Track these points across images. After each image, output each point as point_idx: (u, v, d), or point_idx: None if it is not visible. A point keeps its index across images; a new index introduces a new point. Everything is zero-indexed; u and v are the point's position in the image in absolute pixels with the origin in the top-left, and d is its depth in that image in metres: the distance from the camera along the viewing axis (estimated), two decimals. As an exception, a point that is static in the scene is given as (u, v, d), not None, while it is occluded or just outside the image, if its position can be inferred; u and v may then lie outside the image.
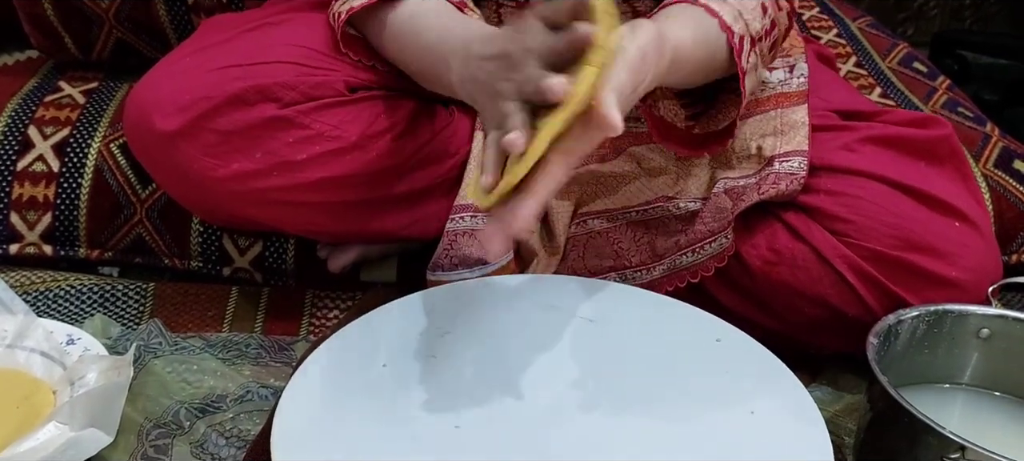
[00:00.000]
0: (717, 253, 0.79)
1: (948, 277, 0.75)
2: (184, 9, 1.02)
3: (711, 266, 0.79)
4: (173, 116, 0.75)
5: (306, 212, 0.80)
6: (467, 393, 0.63)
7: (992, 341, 0.74)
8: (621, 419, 0.63)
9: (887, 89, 1.11)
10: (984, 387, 0.76)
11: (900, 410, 0.62)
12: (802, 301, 0.79)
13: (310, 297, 0.91)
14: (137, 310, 0.88)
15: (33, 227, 0.92)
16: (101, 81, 1.03)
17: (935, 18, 1.72)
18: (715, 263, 0.79)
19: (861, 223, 0.77)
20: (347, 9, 0.75)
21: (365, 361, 0.65)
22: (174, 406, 0.73)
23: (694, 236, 0.80)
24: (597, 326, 0.70)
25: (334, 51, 0.79)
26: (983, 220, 0.79)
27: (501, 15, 0.82)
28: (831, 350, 0.82)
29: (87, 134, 0.94)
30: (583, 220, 0.83)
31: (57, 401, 0.71)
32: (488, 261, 0.81)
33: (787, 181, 0.79)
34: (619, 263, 0.82)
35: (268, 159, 0.76)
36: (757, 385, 0.66)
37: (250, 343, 0.83)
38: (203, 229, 0.92)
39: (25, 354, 0.75)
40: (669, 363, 0.67)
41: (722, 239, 0.79)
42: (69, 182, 0.92)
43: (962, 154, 0.82)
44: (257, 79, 0.75)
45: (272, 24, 0.81)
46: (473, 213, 0.82)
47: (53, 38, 1.03)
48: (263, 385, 0.77)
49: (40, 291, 0.88)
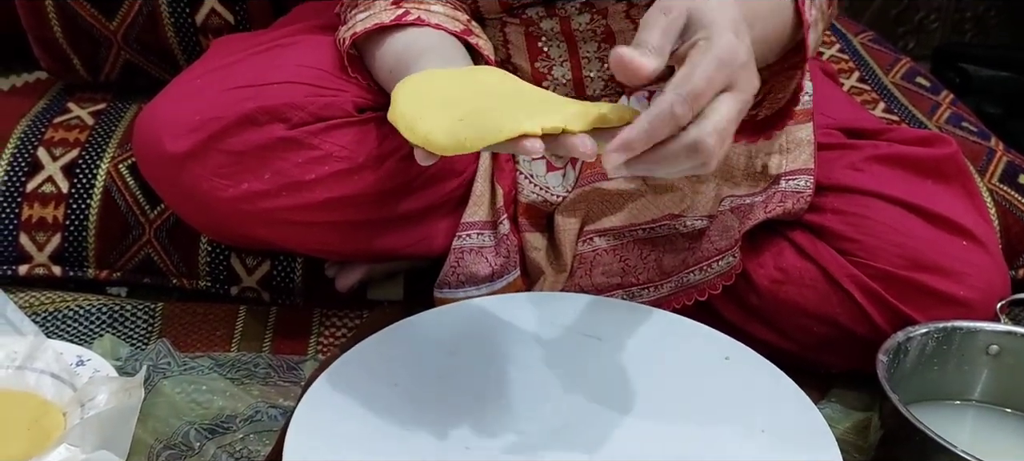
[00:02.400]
0: (725, 271, 0.79)
1: (957, 296, 0.75)
2: (192, 31, 1.02)
3: (718, 284, 0.79)
4: (183, 138, 0.75)
5: (315, 231, 0.81)
6: (477, 414, 0.63)
7: (1001, 357, 0.74)
8: (631, 438, 0.63)
9: (891, 104, 1.11)
10: (994, 403, 0.76)
11: (912, 429, 0.62)
12: (809, 320, 0.79)
13: (318, 316, 0.91)
14: (146, 330, 0.88)
15: (42, 248, 0.93)
16: (109, 102, 1.04)
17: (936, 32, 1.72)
18: (723, 281, 0.79)
19: (869, 243, 0.77)
20: (350, 34, 0.75)
21: (375, 381, 0.66)
22: (184, 427, 0.73)
23: (701, 254, 0.80)
24: (606, 344, 0.71)
25: (343, 72, 0.79)
26: (990, 238, 0.80)
27: (506, 35, 0.82)
28: (839, 369, 0.82)
29: (96, 155, 0.95)
30: (589, 237, 0.83)
31: (67, 423, 0.71)
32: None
33: (793, 199, 0.80)
34: (626, 281, 0.82)
35: (277, 179, 0.76)
36: (767, 403, 0.66)
37: (259, 363, 0.84)
38: (211, 248, 0.92)
39: (35, 376, 0.75)
40: (678, 381, 0.67)
41: (729, 257, 0.79)
42: (78, 203, 0.92)
43: (968, 172, 0.83)
44: (267, 100, 0.76)
45: (281, 45, 0.82)
46: (479, 230, 0.82)
47: (62, 60, 1.04)
48: (272, 405, 0.77)
49: (49, 312, 0.88)
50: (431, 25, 0.74)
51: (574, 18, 0.80)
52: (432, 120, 0.59)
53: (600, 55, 0.81)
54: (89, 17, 1.00)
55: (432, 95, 0.63)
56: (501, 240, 0.81)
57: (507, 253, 0.81)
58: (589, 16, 0.80)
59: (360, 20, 0.76)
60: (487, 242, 0.82)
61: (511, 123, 0.56)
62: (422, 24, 0.74)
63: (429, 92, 0.63)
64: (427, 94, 0.63)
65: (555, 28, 0.80)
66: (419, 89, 0.64)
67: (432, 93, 0.63)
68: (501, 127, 0.56)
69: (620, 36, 0.81)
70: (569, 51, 0.81)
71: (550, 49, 0.81)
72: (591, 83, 0.82)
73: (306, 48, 0.81)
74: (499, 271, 0.81)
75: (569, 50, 0.81)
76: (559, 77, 0.82)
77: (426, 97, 0.62)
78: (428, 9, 0.76)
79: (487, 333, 0.71)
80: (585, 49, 0.81)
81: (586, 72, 0.82)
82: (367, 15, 0.76)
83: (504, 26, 0.82)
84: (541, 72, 0.82)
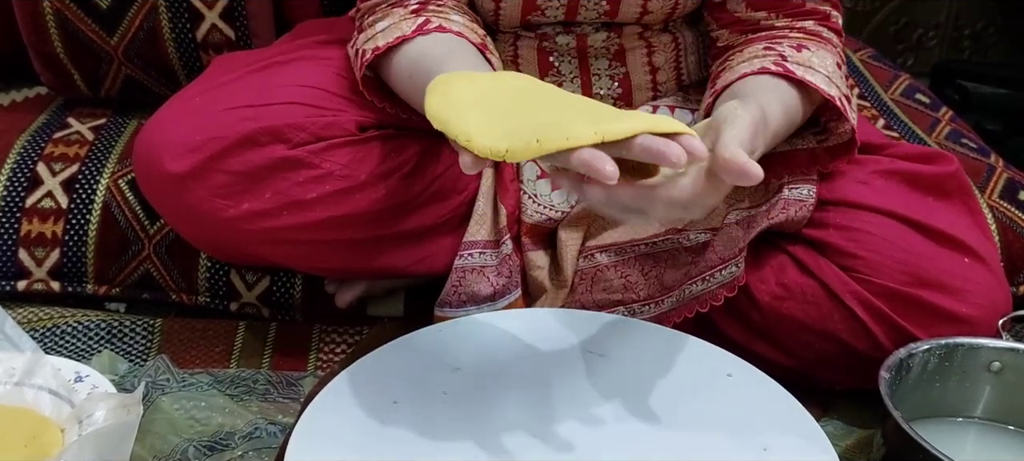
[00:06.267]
0: (727, 282, 0.79)
1: (958, 313, 0.75)
2: (193, 47, 1.02)
3: (721, 296, 0.79)
4: (183, 157, 0.75)
5: (315, 250, 0.81)
6: (479, 431, 0.63)
7: (1003, 374, 0.74)
8: (633, 454, 0.62)
9: (891, 121, 1.11)
10: (996, 420, 0.75)
11: (914, 446, 0.62)
12: (811, 336, 0.79)
13: (317, 332, 0.91)
14: (144, 346, 0.88)
15: (41, 264, 0.92)
16: (109, 117, 1.04)
17: (934, 49, 1.73)
18: (725, 292, 0.79)
19: (871, 259, 0.77)
20: (372, 48, 0.74)
21: (376, 398, 0.65)
22: (183, 444, 0.73)
23: (705, 265, 0.80)
24: (608, 361, 0.70)
25: (344, 91, 0.79)
26: (992, 255, 0.80)
27: (518, 48, 0.82)
28: (841, 386, 0.82)
29: (95, 170, 0.95)
30: (591, 253, 0.83)
31: (65, 440, 0.70)
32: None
33: (796, 207, 0.80)
34: (627, 297, 0.82)
35: (278, 199, 0.76)
36: (770, 420, 0.65)
37: (258, 379, 0.83)
38: (211, 264, 0.92)
39: (33, 392, 0.74)
40: (681, 398, 0.67)
41: (733, 267, 0.79)
42: (77, 218, 0.92)
43: (970, 189, 0.83)
44: (267, 120, 0.76)
45: (280, 63, 0.82)
46: (481, 250, 0.82)
47: (62, 75, 1.04)
48: (271, 422, 0.76)
49: (47, 327, 0.88)
50: (453, 32, 0.74)
51: (591, 35, 0.80)
52: (482, 124, 0.56)
53: (610, 73, 0.82)
54: (90, 33, 1.01)
55: (474, 97, 0.59)
56: (503, 260, 0.81)
57: (509, 273, 0.81)
58: (605, 34, 0.80)
59: (380, 30, 0.75)
60: (489, 261, 0.81)
61: (576, 131, 0.53)
62: (445, 31, 0.73)
63: (469, 94, 0.60)
64: (469, 95, 0.60)
65: (570, 44, 0.81)
66: (462, 91, 0.60)
67: (473, 95, 0.60)
68: (566, 135, 0.53)
69: (631, 54, 0.81)
70: (580, 67, 0.82)
71: (561, 65, 0.82)
72: (600, 100, 0.82)
73: (306, 66, 0.81)
74: (501, 291, 0.81)
75: (580, 66, 0.82)
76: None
77: (468, 98, 0.59)
78: (448, 18, 0.75)
79: (488, 349, 0.71)
80: (596, 66, 0.82)
81: (595, 89, 0.82)
82: (387, 25, 0.75)
83: (517, 40, 0.82)
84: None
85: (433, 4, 0.76)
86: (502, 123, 0.56)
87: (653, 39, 0.82)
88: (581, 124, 0.55)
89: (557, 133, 0.54)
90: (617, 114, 0.58)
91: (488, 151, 0.55)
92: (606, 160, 0.54)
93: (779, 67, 0.72)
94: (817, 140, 0.79)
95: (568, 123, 0.55)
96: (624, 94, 0.83)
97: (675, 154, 0.54)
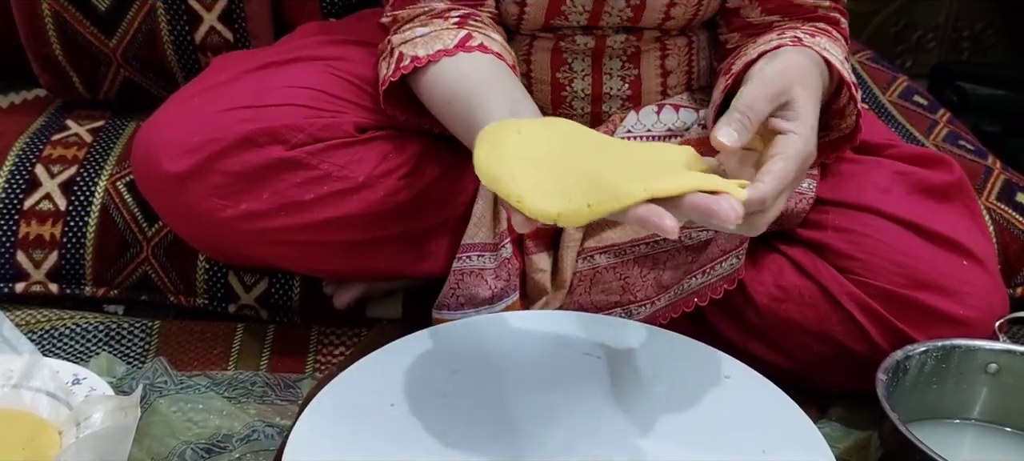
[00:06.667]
0: (728, 274, 0.79)
1: (956, 315, 0.75)
2: (191, 49, 1.03)
3: (721, 288, 0.79)
4: (181, 158, 0.75)
5: (313, 251, 0.81)
6: (477, 433, 0.63)
7: (1000, 376, 0.74)
8: (631, 456, 0.62)
9: (888, 122, 1.11)
10: (993, 422, 0.75)
11: (912, 447, 0.62)
12: (809, 338, 0.79)
13: (316, 334, 0.91)
14: (142, 348, 0.88)
15: (39, 266, 0.92)
16: (108, 119, 1.04)
17: (933, 50, 1.73)
18: (725, 285, 0.79)
19: (869, 261, 0.77)
20: (413, 58, 0.73)
21: (373, 400, 0.65)
22: (180, 447, 0.73)
23: (705, 259, 0.80)
24: (606, 363, 0.70)
25: (342, 92, 0.79)
26: (990, 257, 0.80)
27: (532, 48, 0.82)
28: (838, 387, 0.82)
29: (94, 172, 0.95)
30: (590, 255, 0.83)
31: (63, 442, 0.70)
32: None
33: (796, 199, 0.80)
34: (624, 299, 0.82)
35: (276, 199, 0.76)
36: (768, 423, 0.65)
37: (256, 381, 0.83)
38: (209, 266, 0.92)
39: (31, 394, 0.74)
40: (679, 400, 0.67)
41: (733, 259, 0.78)
42: (75, 220, 0.92)
43: (970, 191, 0.83)
44: (266, 121, 0.76)
45: (279, 64, 0.82)
46: (480, 252, 0.82)
47: (61, 78, 1.04)
48: (269, 424, 0.76)
49: (45, 329, 0.88)
50: (493, 52, 0.73)
51: (610, 37, 0.80)
52: (531, 183, 0.56)
53: (622, 74, 0.82)
54: (88, 35, 1.01)
55: (524, 150, 0.59)
56: (502, 263, 0.81)
57: (507, 276, 0.81)
58: (624, 36, 0.80)
59: (421, 36, 0.74)
60: (487, 264, 0.81)
61: (626, 190, 0.54)
62: (486, 52, 0.73)
63: (519, 147, 0.59)
64: (518, 149, 0.59)
65: (589, 44, 0.81)
66: (511, 144, 0.59)
67: (522, 148, 0.59)
68: (616, 195, 0.54)
69: (646, 57, 0.82)
70: (593, 66, 0.82)
71: (574, 62, 0.82)
72: (610, 99, 0.82)
73: (305, 67, 0.81)
74: (499, 294, 0.81)
75: (593, 65, 0.82)
76: (578, 90, 0.82)
77: (517, 151, 0.59)
78: (488, 35, 0.75)
79: (486, 351, 0.71)
80: (609, 65, 0.82)
81: (606, 88, 0.82)
82: (428, 32, 0.74)
83: (533, 40, 0.82)
84: (561, 82, 0.82)
85: (473, 18, 0.76)
86: (552, 180, 0.57)
87: (669, 42, 0.82)
88: (631, 183, 0.55)
89: (608, 195, 0.55)
90: (665, 164, 0.60)
91: (539, 214, 0.55)
92: (664, 215, 0.54)
93: (797, 43, 0.72)
94: (819, 135, 0.78)
95: (619, 184, 0.56)
96: (634, 96, 0.83)
97: (724, 211, 0.54)
